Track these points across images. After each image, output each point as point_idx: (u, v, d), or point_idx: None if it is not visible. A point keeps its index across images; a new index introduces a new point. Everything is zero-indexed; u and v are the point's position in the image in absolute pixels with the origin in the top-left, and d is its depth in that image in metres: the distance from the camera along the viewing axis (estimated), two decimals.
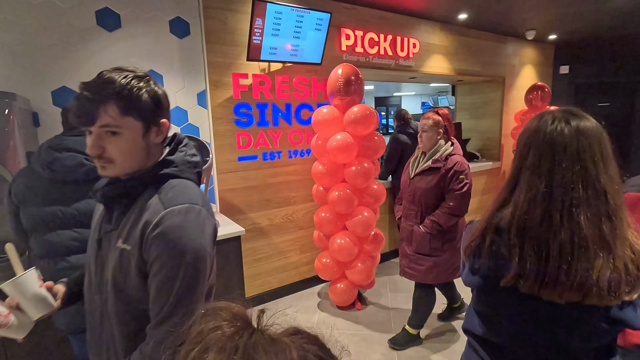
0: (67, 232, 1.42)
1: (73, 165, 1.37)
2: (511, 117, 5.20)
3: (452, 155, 2.26)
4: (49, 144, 1.41)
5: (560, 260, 0.77)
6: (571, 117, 0.83)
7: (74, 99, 0.87)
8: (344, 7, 3.32)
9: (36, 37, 2.18)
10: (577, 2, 3.61)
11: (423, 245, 2.32)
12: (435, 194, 2.27)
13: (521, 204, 0.82)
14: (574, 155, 0.79)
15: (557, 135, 0.80)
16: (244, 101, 2.90)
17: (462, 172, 2.20)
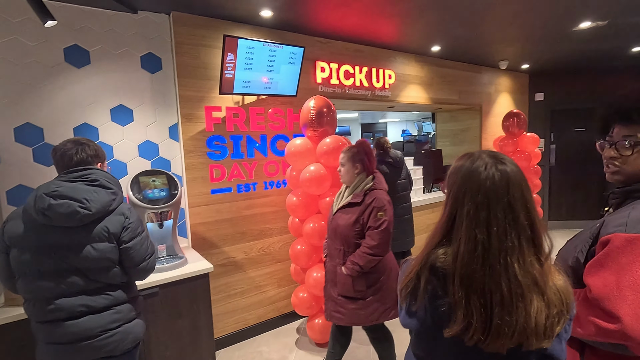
0: (58, 278, 1.42)
1: (67, 212, 1.38)
2: (490, 143, 5.28)
3: (372, 189, 2.12)
4: (43, 191, 1.40)
5: (502, 311, 0.78)
6: (499, 163, 0.83)
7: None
8: (319, 41, 3.40)
9: (1, 75, 2.16)
10: (542, 35, 3.77)
11: (347, 288, 2.11)
12: (355, 231, 2.09)
13: (462, 255, 0.81)
14: (507, 206, 0.80)
15: (491, 184, 0.81)
16: (218, 134, 2.89)
17: (380, 208, 2.04)
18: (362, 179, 2.16)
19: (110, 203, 1.49)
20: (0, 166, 2.18)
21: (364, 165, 2.15)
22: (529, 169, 4.78)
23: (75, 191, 1.42)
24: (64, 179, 1.46)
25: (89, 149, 1.55)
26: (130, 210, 1.58)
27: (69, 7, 2.34)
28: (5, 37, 2.17)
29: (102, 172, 1.55)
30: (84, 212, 1.40)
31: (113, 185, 1.54)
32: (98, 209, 1.44)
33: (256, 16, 2.81)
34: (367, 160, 2.16)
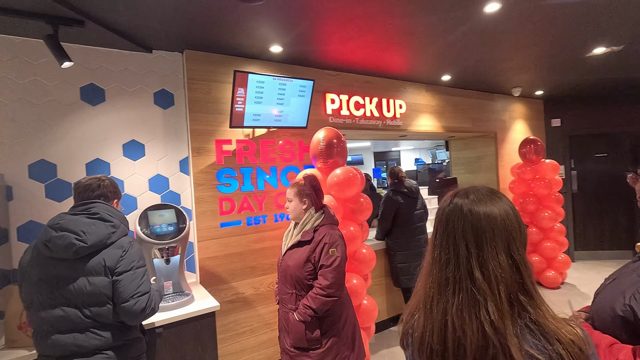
0: (54, 310, 1.43)
1: (64, 244, 1.41)
2: (507, 171, 5.13)
3: (322, 225, 1.99)
4: (48, 223, 1.48)
5: None
6: (488, 200, 0.81)
7: None
8: (328, 73, 3.45)
9: (19, 114, 2.23)
10: (555, 62, 3.72)
11: (299, 337, 1.90)
12: (307, 272, 1.92)
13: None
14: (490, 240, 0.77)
15: (476, 221, 0.78)
16: (228, 166, 2.88)
17: (332, 244, 1.91)
18: (311, 214, 2.03)
19: (109, 236, 1.50)
20: (13, 203, 2.20)
21: (312, 200, 2.04)
22: (550, 197, 4.58)
23: (75, 224, 1.45)
24: (69, 212, 1.52)
25: (104, 188, 1.64)
26: (130, 244, 1.57)
27: (87, 49, 2.44)
28: (26, 79, 2.26)
29: (105, 205, 1.57)
30: (79, 244, 1.42)
31: (114, 219, 1.55)
32: (94, 241, 1.45)
33: (266, 52, 2.88)
34: (314, 194, 2.05)
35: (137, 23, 2.24)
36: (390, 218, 3.60)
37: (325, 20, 2.41)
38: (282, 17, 2.32)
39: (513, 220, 0.79)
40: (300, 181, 2.09)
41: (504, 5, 2.30)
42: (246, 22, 2.34)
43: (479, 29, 2.69)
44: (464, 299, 0.74)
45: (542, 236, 4.63)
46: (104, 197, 1.63)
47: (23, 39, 2.24)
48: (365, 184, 2.92)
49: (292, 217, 2.09)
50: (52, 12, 1.98)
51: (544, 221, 4.54)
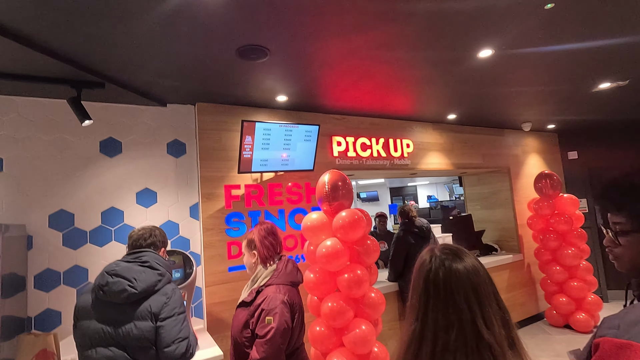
0: (103, 350, 1.51)
1: (118, 290, 1.52)
2: (524, 206, 4.99)
3: (268, 285, 1.74)
4: (105, 269, 1.59)
5: None
6: (457, 259, 0.83)
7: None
8: (334, 117, 3.57)
9: (42, 168, 2.41)
10: (562, 97, 3.72)
11: None
12: (245, 337, 1.71)
13: None
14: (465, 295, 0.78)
15: (449, 279, 0.80)
16: (236, 210, 2.96)
17: (269, 311, 1.64)
18: (261, 271, 1.81)
19: (156, 283, 1.61)
20: (32, 251, 2.33)
21: (260, 254, 1.82)
22: (571, 233, 4.39)
23: (128, 271, 1.57)
24: (123, 260, 1.65)
25: (155, 238, 1.78)
26: (173, 291, 1.67)
27: (107, 106, 2.66)
28: (52, 135, 2.47)
29: (154, 254, 1.71)
30: (131, 290, 1.53)
31: (161, 267, 1.68)
32: (143, 288, 1.56)
33: (272, 101, 3.04)
34: (262, 247, 1.82)
35: (152, 82, 2.45)
36: (401, 259, 3.52)
37: (327, 72, 2.55)
38: (286, 71, 2.48)
39: (483, 268, 0.82)
40: (250, 231, 1.91)
41: (496, 52, 2.38)
42: (252, 77, 2.51)
43: (477, 73, 2.77)
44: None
45: (568, 275, 4.38)
46: (154, 246, 1.77)
47: (51, 100, 2.47)
48: (371, 223, 2.91)
49: (247, 271, 1.92)
50: (76, 77, 2.20)
51: (567, 259, 4.32)
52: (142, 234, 1.76)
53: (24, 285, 2.27)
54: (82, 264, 2.45)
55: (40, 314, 2.31)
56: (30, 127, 2.40)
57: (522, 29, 2.11)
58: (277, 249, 1.91)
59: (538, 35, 2.21)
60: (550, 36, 2.24)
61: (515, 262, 4.76)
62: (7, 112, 2.35)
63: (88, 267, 2.47)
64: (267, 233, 1.89)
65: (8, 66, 2.01)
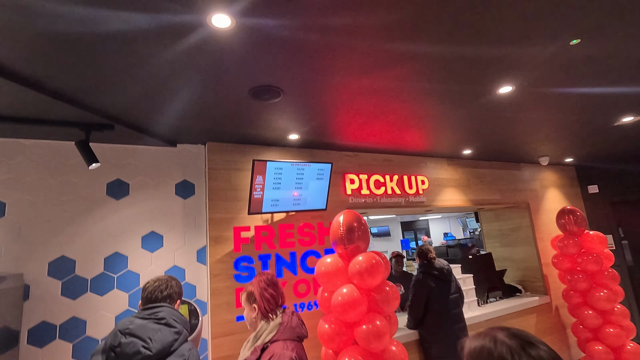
0: None
1: (131, 352, 1.40)
2: (547, 244, 4.73)
3: (274, 341, 1.61)
4: (118, 327, 1.46)
5: None
6: (528, 347, 0.69)
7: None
8: (346, 155, 3.48)
9: (46, 212, 2.32)
10: (581, 132, 3.60)
11: None
12: None
13: None
14: None
15: None
16: (246, 254, 2.80)
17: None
18: (264, 326, 1.67)
19: (172, 343, 1.48)
20: (28, 302, 2.18)
21: (260, 308, 1.68)
22: (602, 274, 4.09)
23: (143, 329, 1.44)
24: (138, 316, 1.51)
25: (171, 289, 1.65)
26: (190, 352, 1.53)
27: (117, 147, 2.60)
28: (58, 178, 2.40)
29: (170, 309, 1.57)
30: (145, 352, 1.40)
31: (178, 324, 1.55)
32: (158, 349, 1.43)
33: (284, 139, 2.97)
34: (262, 300, 1.69)
35: (163, 123, 2.39)
36: (422, 305, 3.27)
37: (340, 111, 2.49)
38: (299, 110, 2.41)
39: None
40: (250, 283, 1.79)
41: (516, 88, 2.30)
42: (264, 117, 2.45)
43: (495, 109, 2.68)
44: None
45: (602, 320, 4.03)
46: (170, 299, 1.64)
47: (60, 142, 2.43)
48: (389, 268, 2.72)
49: (248, 326, 1.77)
50: (85, 120, 2.15)
51: (600, 302, 3.99)
52: (157, 286, 1.62)
53: (17, 340, 2.10)
54: (80, 316, 2.29)
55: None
56: (36, 170, 2.34)
57: (545, 69, 2.03)
58: (279, 300, 1.78)
59: (561, 76, 2.13)
60: (573, 77, 2.16)
61: (543, 304, 4.43)
62: (14, 156, 2.30)
63: (87, 319, 2.30)
64: (267, 284, 1.77)
65: (17, 109, 1.98)
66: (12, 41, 1.43)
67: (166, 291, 1.64)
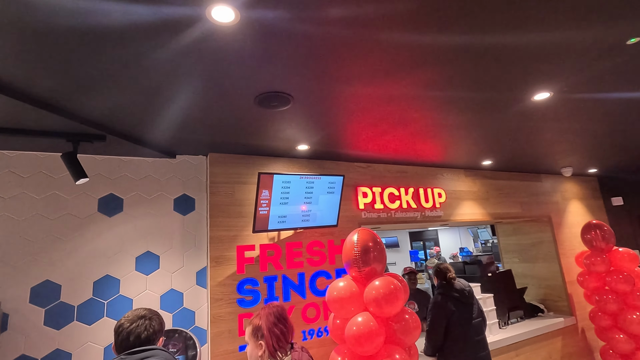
0: None
1: None
2: (571, 260, 4.42)
3: None
4: None
5: None
6: None
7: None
8: (359, 166, 3.24)
9: (30, 231, 2.09)
10: (610, 143, 3.33)
11: None
12: None
13: None
14: None
15: None
16: (250, 276, 2.55)
17: None
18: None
19: None
20: (6, 334, 1.94)
21: (268, 345, 1.51)
22: (634, 295, 3.78)
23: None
24: (125, 356, 1.30)
25: (156, 324, 1.42)
26: None
27: (110, 159, 2.38)
28: (45, 193, 2.18)
29: (164, 352, 1.35)
30: None
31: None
32: None
33: (292, 150, 2.74)
34: (271, 337, 1.51)
35: (159, 132, 2.17)
36: (442, 330, 2.98)
37: (355, 120, 2.25)
38: (309, 119, 2.18)
39: None
40: (256, 316, 1.60)
41: (554, 95, 2.05)
42: (272, 126, 2.22)
43: (523, 118, 2.43)
44: None
45: (635, 345, 3.72)
46: (152, 341, 1.39)
47: (47, 154, 2.21)
48: (408, 293, 2.45)
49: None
50: (73, 130, 1.93)
51: (632, 326, 3.68)
52: (146, 324, 1.38)
53: None
54: (65, 348, 2.04)
55: None
56: (20, 184, 2.12)
57: (592, 71, 1.78)
58: (288, 337, 1.59)
59: (610, 78, 1.88)
60: (623, 81, 1.91)
61: (568, 327, 4.12)
62: None
63: (72, 352, 2.05)
64: (277, 319, 1.59)
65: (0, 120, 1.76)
66: None
67: (156, 326, 1.41)
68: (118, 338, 1.36)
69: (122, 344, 1.35)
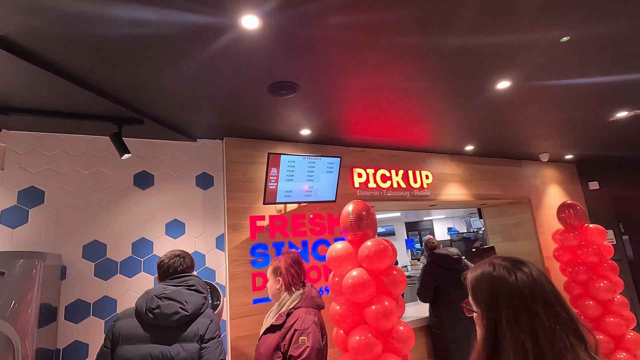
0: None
1: (170, 312, 1.57)
2: (548, 237, 4.85)
3: (297, 308, 1.78)
4: (154, 293, 1.62)
5: None
6: (520, 265, 0.85)
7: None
8: (354, 150, 3.67)
9: (80, 200, 2.52)
10: (579, 127, 3.76)
11: None
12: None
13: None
14: (544, 303, 0.78)
15: (523, 285, 0.80)
16: (261, 241, 2.98)
17: (303, 331, 1.67)
18: (287, 297, 1.86)
19: (201, 306, 1.68)
20: (65, 282, 2.37)
21: (285, 280, 1.89)
22: (602, 266, 4.22)
23: (179, 294, 1.62)
24: (169, 284, 1.68)
25: (188, 261, 1.82)
26: (214, 314, 1.74)
27: (143, 142, 2.81)
28: (90, 169, 2.60)
29: (198, 278, 1.79)
30: (183, 312, 1.58)
31: (204, 291, 1.76)
32: (193, 310, 1.62)
33: (296, 134, 3.16)
34: (287, 274, 1.89)
35: (186, 119, 2.60)
36: (427, 291, 3.42)
37: (350, 106, 2.68)
38: (312, 106, 2.61)
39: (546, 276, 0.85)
40: (277, 258, 2.00)
41: (513, 84, 2.48)
42: (279, 112, 2.64)
43: (494, 105, 2.86)
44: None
45: (602, 310, 4.15)
46: (191, 270, 1.83)
47: (92, 137, 2.64)
48: (396, 254, 2.88)
49: (270, 297, 1.98)
50: (119, 114, 2.36)
51: (600, 293, 4.11)
52: (181, 261, 1.79)
53: (56, 316, 2.29)
54: (111, 295, 2.48)
55: (68, 346, 2.31)
56: (71, 161, 2.55)
57: (539, 62, 2.21)
58: (302, 277, 2.00)
59: (555, 69, 2.31)
60: (567, 70, 2.34)
61: None
62: (52, 149, 2.52)
63: (117, 298, 2.49)
64: (294, 262, 1.99)
65: (62, 105, 2.18)
66: (65, 44, 1.64)
67: (186, 263, 1.81)
68: (160, 270, 1.79)
69: (164, 274, 1.77)
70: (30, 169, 2.43)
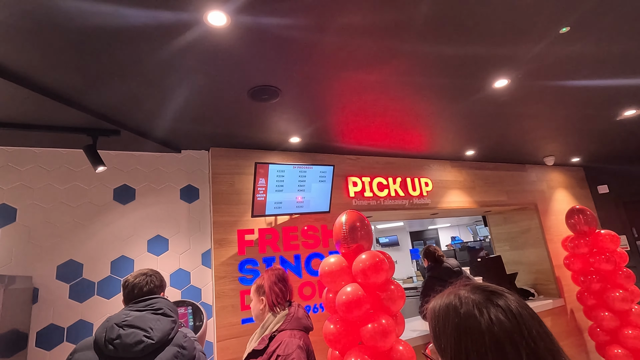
0: None
1: (133, 342, 1.41)
2: (558, 245, 4.63)
3: (281, 330, 1.65)
4: (115, 321, 1.46)
5: None
6: (495, 297, 0.65)
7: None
8: (348, 158, 3.52)
9: (55, 217, 2.39)
10: (584, 128, 3.58)
11: None
12: None
13: None
14: (532, 354, 0.59)
15: (500, 330, 0.60)
16: (250, 257, 2.81)
17: (287, 356, 1.52)
18: (270, 318, 1.72)
19: (170, 332, 1.50)
20: (37, 305, 2.22)
21: (268, 300, 1.74)
22: (616, 274, 3.98)
23: (142, 320, 1.45)
24: (132, 309, 1.52)
25: (156, 280, 1.66)
26: (186, 341, 1.56)
27: (123, 154, 2.68)
28: (67, 184, 2.47)
29: (165, 300, 1.60)
30: (147, 341, 1.42)
31: (173, 314, 1.57)
32: (160, 337, 1.46)
33: (285, 142, 3.02)
34: (271, 293, 1.75)
35: (168, 129, 2.47)
36: None
37: (340, 110, 2.54)
38: (298, 112, 2.47)
39: (528, 308, 0.70)
40: (260, 276, 1.86)
41: (512, 81, 2.32)
42: (264, 119, 2.51)
43: (493, 104, 2.70)
44: None
45: (620, 322, 3.90)
46: (160, 290, 1.66)
47: (69, 150, 2.52)
48: (394, 267, 2.69)
49: (254, 318, 1.83)
50: (92, 125, 2.24)
51: (616, 303, 3.87)
52: (147, 279, 1.63)
53: (26, 343, 2.13)
54: (87, 319, 2.31)
55: None
56: (46, 177, 2.42)
57: (539, 62, 2.06)
58: (287, 296, 1.84)
59: (555, 69, 2.16)
60: (568, 70, 2.19)
61: (557, 307, 4.31)
62: (24, 163, 2.39)
63: (93, 322, 2.32)
64: (278, 279, 1.84)
65: (23, 114, 2.06)
66: (12, 39, 1.52)
67: (157, 281, 1.66)
68: (125, 291, 1.61)
69: (128, 295, 1.60)
70: (1, 186, 2.30)
